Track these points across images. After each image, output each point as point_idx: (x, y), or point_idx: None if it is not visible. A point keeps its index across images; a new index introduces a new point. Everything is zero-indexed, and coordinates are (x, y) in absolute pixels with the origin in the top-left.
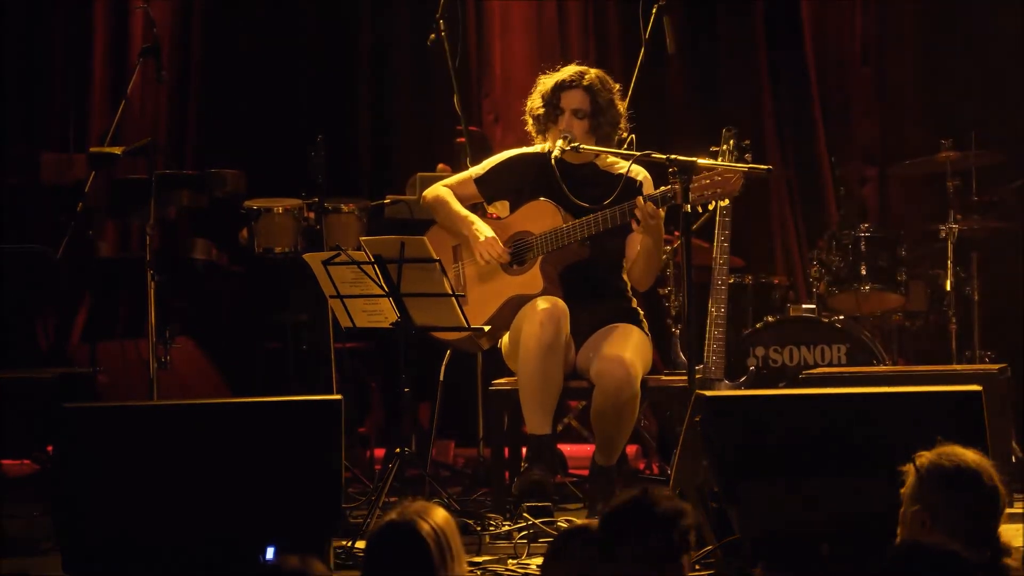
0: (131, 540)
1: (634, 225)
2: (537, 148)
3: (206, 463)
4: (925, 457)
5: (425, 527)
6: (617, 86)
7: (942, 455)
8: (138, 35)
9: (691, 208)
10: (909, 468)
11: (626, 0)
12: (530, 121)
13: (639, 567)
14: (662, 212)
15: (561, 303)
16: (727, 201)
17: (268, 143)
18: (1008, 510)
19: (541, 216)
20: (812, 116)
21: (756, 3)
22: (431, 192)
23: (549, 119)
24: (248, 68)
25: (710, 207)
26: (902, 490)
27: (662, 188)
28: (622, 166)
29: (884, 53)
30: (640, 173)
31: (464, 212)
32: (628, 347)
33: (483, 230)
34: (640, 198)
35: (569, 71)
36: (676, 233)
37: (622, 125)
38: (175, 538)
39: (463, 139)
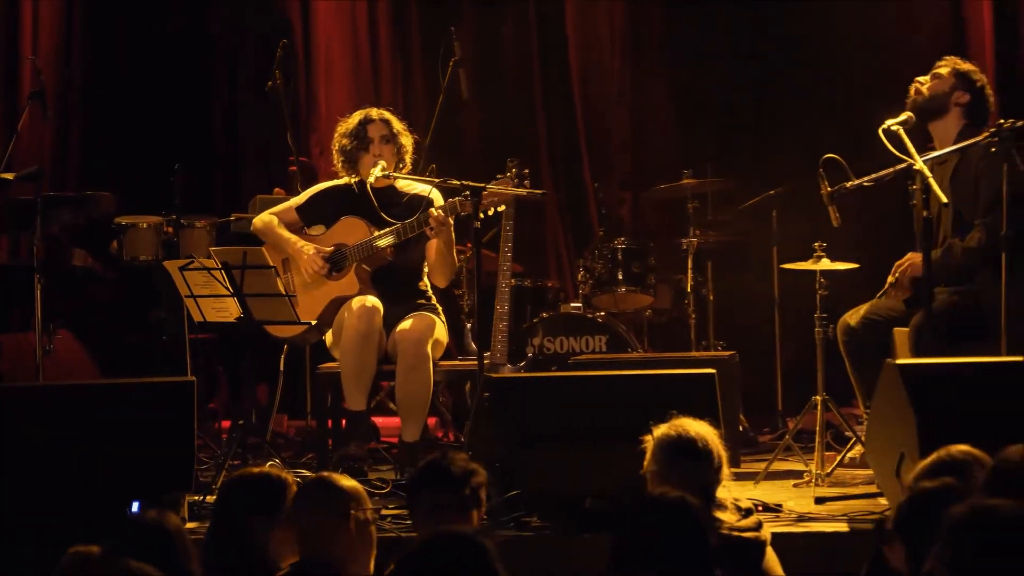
0: (19, 505)
1: (428, 232)
2: (343, 181)
3: (83, 435)
4: (659, 428)
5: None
6: (404, 123)
7: (672, 426)
8: (27, 81)
9: (480, 214)
10: (648, 437)
11: (429, 58)
12: (339, 157)
13: (432, 520)
14: (451, 220)
15: (375, 300)
16: (504, 207)
17: (136, 169)
18: (735, 469)
19: (353, 230)
20: (579, 148)
21: (533, 56)
22: (259, 220)
23: (360, 149)
24: (120, 107)
25: (490, 212)
26: (645, 454)
27: (450, 200)
28: (415, 188)
29: (637, 94)
30: (430, 190)
31: (288, 234)
32: (421, 325)
33: (306, 248)
34: (432, 208)
35: (366, 111)
36: (468, 244)
37: (410, 151)
38: (58, 501)
39: (295, 168)
